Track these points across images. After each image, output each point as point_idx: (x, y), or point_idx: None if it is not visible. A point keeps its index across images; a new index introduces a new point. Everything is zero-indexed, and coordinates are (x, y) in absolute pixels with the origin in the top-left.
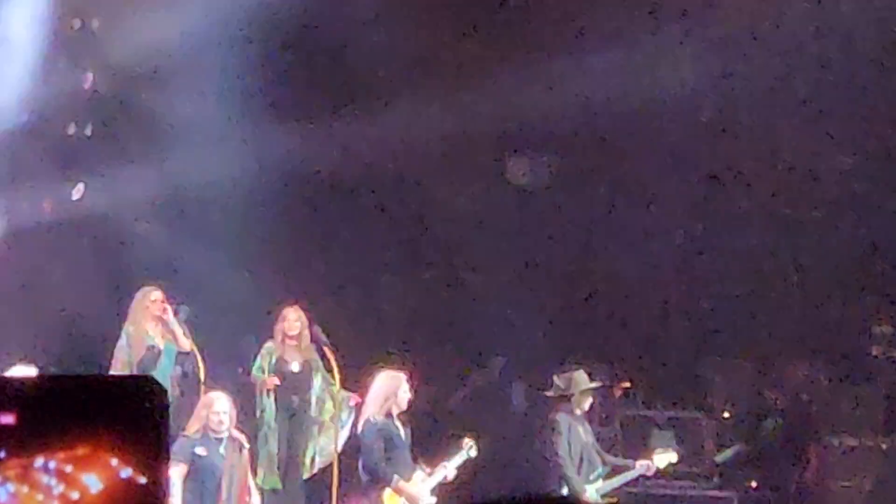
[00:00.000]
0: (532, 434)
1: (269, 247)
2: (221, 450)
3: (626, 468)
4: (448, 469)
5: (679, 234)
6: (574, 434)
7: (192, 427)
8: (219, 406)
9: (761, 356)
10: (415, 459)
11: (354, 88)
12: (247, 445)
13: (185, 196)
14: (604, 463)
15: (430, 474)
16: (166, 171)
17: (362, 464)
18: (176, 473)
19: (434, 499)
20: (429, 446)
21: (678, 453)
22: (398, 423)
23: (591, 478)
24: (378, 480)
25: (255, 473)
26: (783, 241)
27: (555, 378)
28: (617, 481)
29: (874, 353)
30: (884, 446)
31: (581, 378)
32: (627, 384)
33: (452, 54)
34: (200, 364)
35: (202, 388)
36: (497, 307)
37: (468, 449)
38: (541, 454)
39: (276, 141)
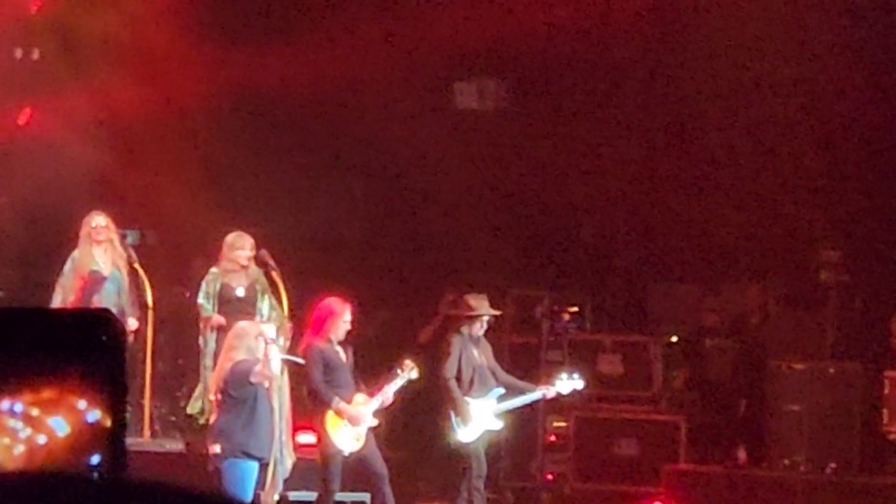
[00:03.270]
0: None
1: (216, 170)
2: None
3: (527, 390)
4: (387, 392)
5: (628, 158)
6: (467, 355)
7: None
8: (270, 333)
9: (709, 281)
10: (357, 383)
11: (302, 13)
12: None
13: (132, 121)
14: (498, 384)
15: (371, 396)
16: (113, 96)
17: (306, 387)
18: None
19: (376, 421)
20: (375, 371)
21: (586, 381)
22: (338, 348)
23: (481, 396)
24: (320, 402)
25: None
26: (731, 165)
27: (464, 298)
28: (513, 403)
29: (823, 277)
30: (831, 370)
31: (475, 303)
32: (575, 308)
33: None
34: (148, 288)
35: (150, 312)
36: (444, 233)
37: (409, 371)
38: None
39: (224, 65)
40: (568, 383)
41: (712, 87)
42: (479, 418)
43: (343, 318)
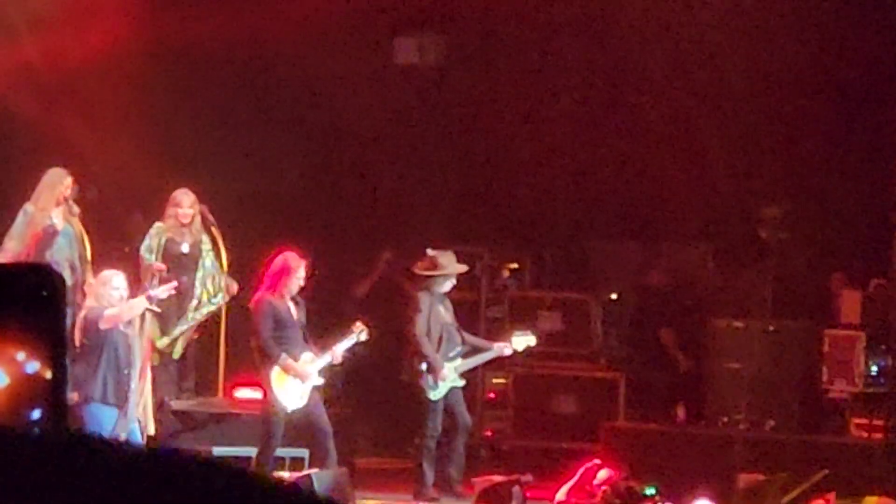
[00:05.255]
0: None
1: (156, 126)
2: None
3: (485, 348)
4: (336, 351)
5: (569, 114)
6: (434, 313)
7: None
8: (116, 282)
9: (650, 239)
10: (306, 340)
11: None
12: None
13: (72, 75)
14: (464, 342)
15: (318, 355)
16: (52, 49)
17: (253, 341)
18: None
19: (322, 379)
20: (327, 328)
21: (538, 337)
22: (290, 304)
23: (451, 355)
24: (266, 358)
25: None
26: (672, 123)
27: (427, 252)
28: (474, 361)
29: (762, 234)
30: (771, 328)
31: (446, 260)
32: (515, 265)
33: None
34: (87, 243)
35: (89, 266)
36: (383, 189)
37: (359, 333)
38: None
39: (162, 19)
40: (522, 339)
41: (654, 43)
42: (448, 377)
43: (297, 274)
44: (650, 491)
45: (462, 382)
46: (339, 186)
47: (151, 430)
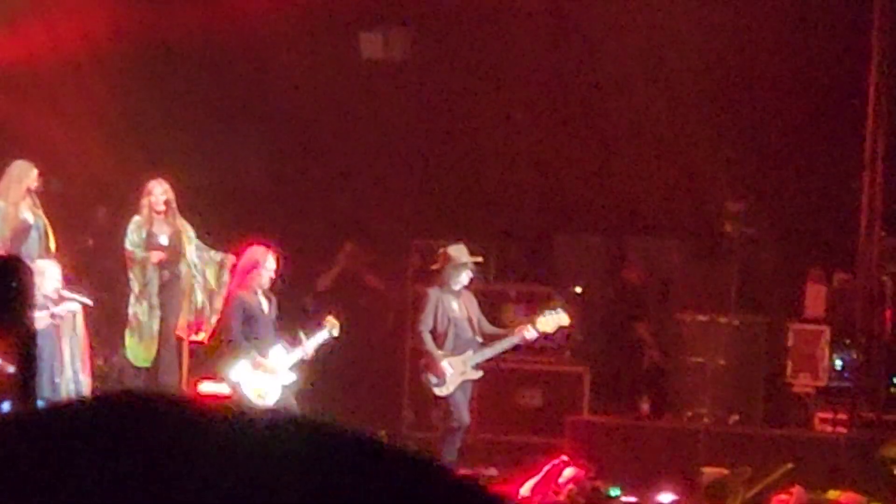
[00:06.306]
0: (387, 312)
1: (121, 119)
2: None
3: (505, 337)
4: (307, 347)
5: (533, 108)
6: (444, 308)
7: None
8: (50, 274)
9: (614, 232)
10: (277, 335)
11: None
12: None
13: (38, 68)
14: (481, 335)
15: (289, 351)
16: (20, 42)
17: (224, 337)
18: None
19: (294, 375)
20: (290, 323)
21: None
22: (262, 298)
23: (459, 349)
24: (235, 353)
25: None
26: (637, 117)
27: (440, 250)
28: (492, 350)
29: (727, 228)
30: (736, 322)
31: (454, 252)
32: (479, 258)
33: None
34: (51, 235)
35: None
36: (349, 182)
37: (330, 328)
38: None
39: (132, 13)
40: (551, 319)
41: (620, 38)
42: (455, 372)
43: (265, 267)
44: (615, 492)
45: (477, 375)
46: (304, 180)
47: None
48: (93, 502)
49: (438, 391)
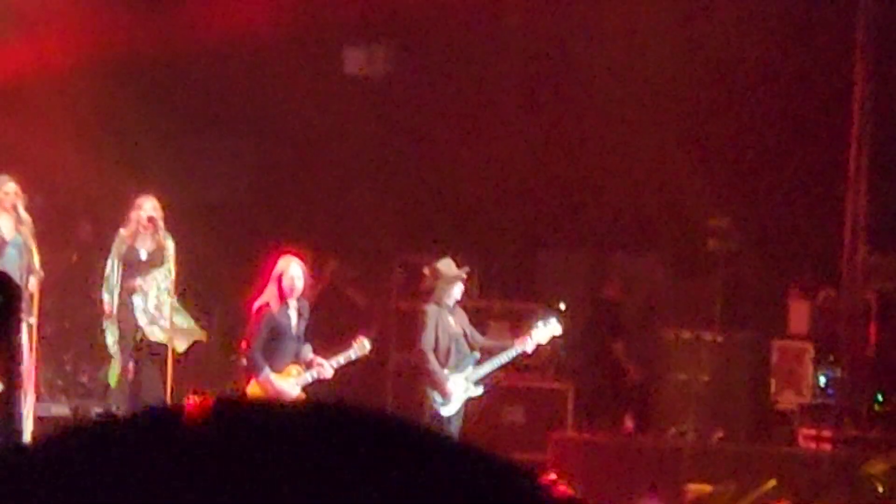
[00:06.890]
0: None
1: (105, 134)
2: None
3: (502, 349)
4: (327, 366)
5: (517, 124)
6: (443, 325)
7: None
8: None
9: (597, 248)
10: (299, 352)
11: None
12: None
13: (21, 82)
14: (473, 349)
15: (306, 369)
16: (5, 56)
17: (244, 346)
18: None
19: (302, 394)
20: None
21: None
22: (292, 312)
23: (461, 366)
24: (249, 368)
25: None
26: (620, 132)
27: (424, 269)
28: (490, 364)
29: (711, 245)
30: (720, 339)
31: (444, 267)
32: (467, 269)
33: None
34: (35, 252)
35: (37, 276)
36: (332, 198)
37: (359, 348)
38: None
39: (115, 26)
40: (545, 331)
41: (600, 53)
42: (459, 390)
43: (288, 275)
44: None
45: (478, 391)
46: (288, 196)
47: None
48: None
49: (444, 410)
